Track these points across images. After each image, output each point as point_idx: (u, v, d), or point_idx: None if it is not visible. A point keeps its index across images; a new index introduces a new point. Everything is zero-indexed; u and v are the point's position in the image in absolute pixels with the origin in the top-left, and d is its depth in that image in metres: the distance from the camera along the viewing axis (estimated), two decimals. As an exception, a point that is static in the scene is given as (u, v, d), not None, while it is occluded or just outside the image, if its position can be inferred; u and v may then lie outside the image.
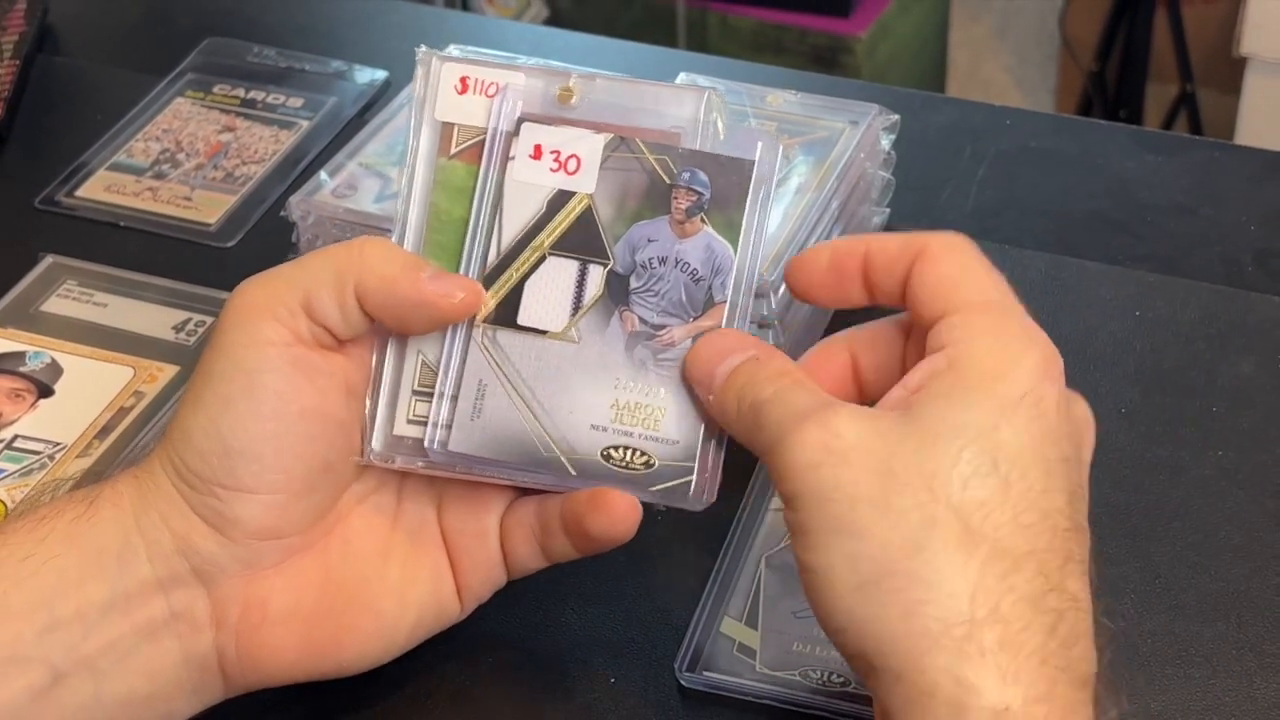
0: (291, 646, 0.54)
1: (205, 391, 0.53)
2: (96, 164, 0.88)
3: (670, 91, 0.56)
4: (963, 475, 0.47)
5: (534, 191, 0.55)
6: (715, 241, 0.55)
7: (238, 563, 0.53)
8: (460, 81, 0.55)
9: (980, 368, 0.48)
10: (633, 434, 0.54)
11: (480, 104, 0.55)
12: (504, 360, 0.55)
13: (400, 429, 0.55)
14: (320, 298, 0.52)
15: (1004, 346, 0.49)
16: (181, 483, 0.53)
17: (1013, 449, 0.47)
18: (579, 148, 0.55)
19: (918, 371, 0.49)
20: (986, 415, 0.47)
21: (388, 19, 1.02)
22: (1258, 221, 0.81)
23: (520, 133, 0.55)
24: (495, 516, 0.56)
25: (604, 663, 0.61)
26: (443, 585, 0.56)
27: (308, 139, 0.89)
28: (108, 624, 0.52)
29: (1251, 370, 0.72)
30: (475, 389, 0.55)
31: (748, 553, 0.64)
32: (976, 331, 0.49)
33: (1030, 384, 0.48)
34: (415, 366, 0.55)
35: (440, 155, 0.55)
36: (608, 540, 0.54)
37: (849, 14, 2.23)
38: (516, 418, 0.55)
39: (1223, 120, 2.09)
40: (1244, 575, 0.63)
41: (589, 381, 0.54)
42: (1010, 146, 0.87)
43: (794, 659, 0.60)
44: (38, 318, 0.77)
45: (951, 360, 0.49)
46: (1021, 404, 0.48)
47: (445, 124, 0.55)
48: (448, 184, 0.55)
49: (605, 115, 0.55)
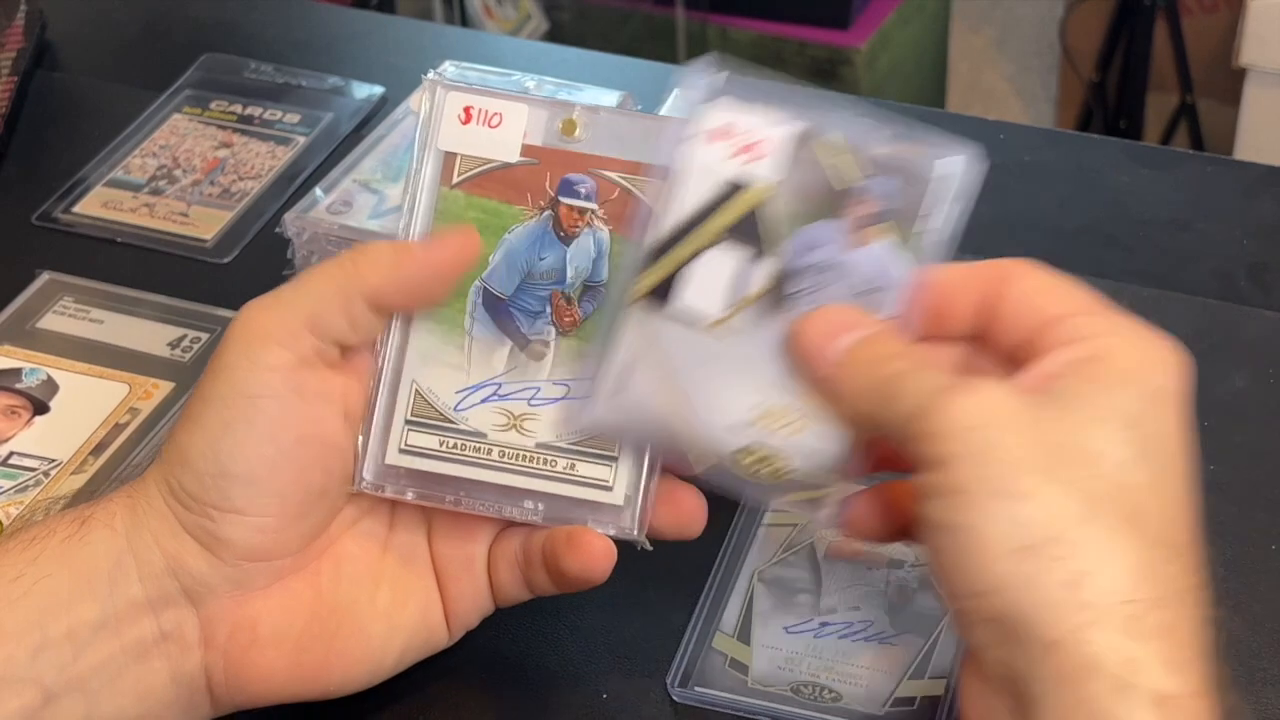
0: (280, 668, 0.54)
1: (204, 413, 0.53)
2: (94, 180, 0.88)
3: (670, 126, 0.55)
4: (1122, 458, 0.47)
5: (710, 175, 0.54)
6: (890, 253, 0.53)
7: (228, 583, 0.53)
8: (464, 111, 0.56)
9: (1121, 361, 0.49)
10: (773, 439, 0.53)
11: (484, 134, 0.55)
12: (655, 340, 0.54)
13: (392, 458, 0.55)
14: (326, 314, 0.53)
15: (1140, 343, 0.49)
16: (175, 502, 0.53)
17: (1161, 440, 0.48)
18: (768, 134, 0.54)
19: (1049, 362, 0.49)
20: (1135, 404, 0.48)
21: (384, 35, 1.02)
22: (1251, 235, 0.81)
23: (706, 111, 0.54)
24: (484, 546, 0.56)
25: (597, 678, 0.61)
26: (432, 611, 0.56)
27: (304, 154, 0.90)
28: (99, 644, 0.52)
29: (1245, 384, 0.72)
30: (621, 364, 0.55)
31: (740, 568, 0.64)
32: (1106, 329, 0.50)
33: (1176, 382, 0.49)
34: (409, 396, 0.55)
35: (442, 184, 0.56)
36: (581, 580, 0.54)
37: (848, 26, 2.23)
38: (658, 399, 0.54)
39: (1223, 131, 2.09)
40: (1236, 589, 0.63)
41: (738, 377, 0.53)
42: (1004, 161, 0.87)
43: (786, 674, 0.60)
44: (34, 334, 0.77)
45: (1088, 352, 0.49)
46: (1169, 399, 0.48)
47: (448, 153, 0.56)
48: (449, 213, 0.55)
49: (607, 148, 0.55)
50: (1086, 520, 0.45)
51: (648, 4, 2.26)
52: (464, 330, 0.55)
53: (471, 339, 0.55)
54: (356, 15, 1.13)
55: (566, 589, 0.55)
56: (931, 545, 0.48)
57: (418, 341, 0.55)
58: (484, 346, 0.55)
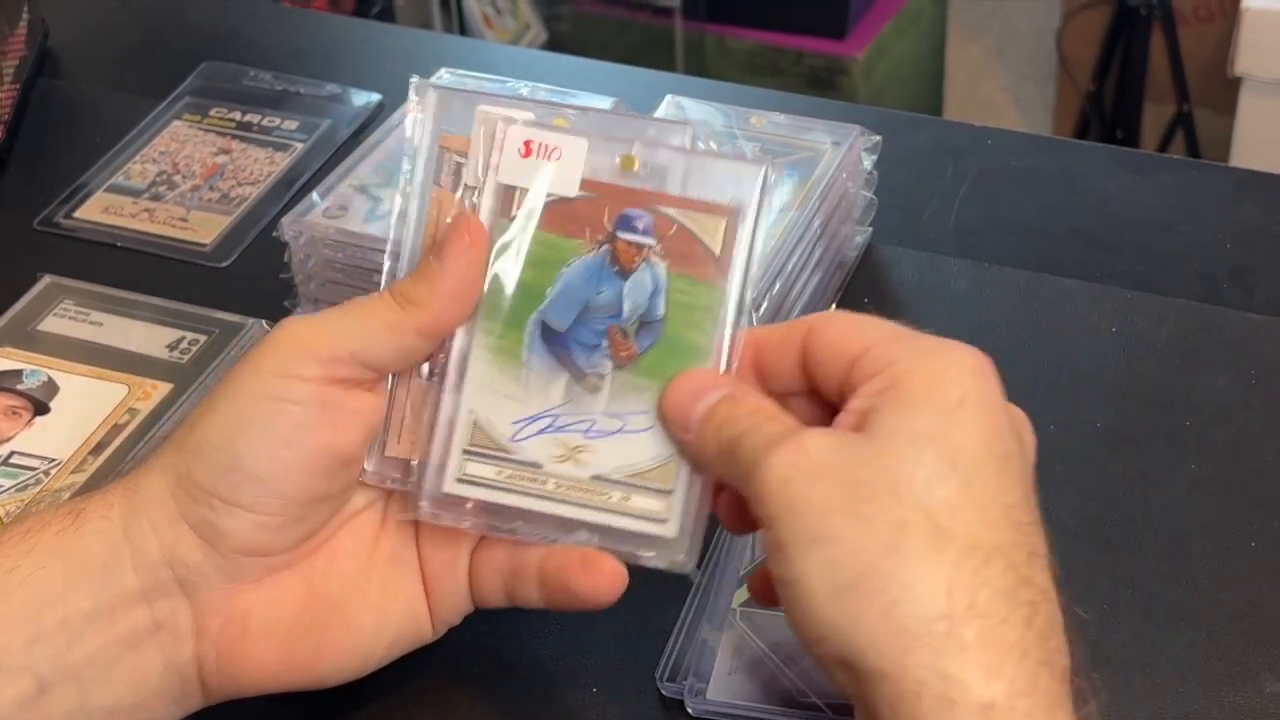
0: (271, 659, 0.55)
1: (228, 407, 0.54)
2: (95, 185, 0.90)
3: (729, 164, 0.56)
4: (925, 478, 0.48)
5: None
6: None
7: (221, 574, 0.54)
8: (524, 145, 0.56)
9: (918, 380, 0.50)
10: None
11: (543, 167, 0.56)
12: (758, 632, 0.61)
13: (450, 487, 0.55)
14: (376, 348, 0.54)
15: (933, 358, 0.51)
16: (179, 489, 0.54)
17: (966, 449, 0.49)
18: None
19: (859, 398, 0.51)
20: (936, 421, 0.49)
21: (381, 43, 1.03)
22: (1233, 239, 0.82)
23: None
24: (466, 549, 0.57)
25: (586, 673, 0.62)
26: (418, 606, 0.57)
27: (302, 161, 0.91)
28: (92, 634, 0.52)
29: (1226, 385, 0.73)
30: (733, 652, 0.60)
31: (728, 565, 0.65)
32: (902, 352, 0.51)
33: (967, 385, 0.50)
34: (467, 426, 0.55)
35: (502, 218, 0.56)
36: (592, 602, 0.55)
37: (845, 35, 2.24)
38: (771, 674, 0.58)
39: (1219, 140, 2.10)
40: (1215, 586, 0.64)
41: None
42: (991, 166, 0.88)
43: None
44: (35, 336, 0.78)
45: (889, 380, 0.50)
46: (964, 406, 0.49)
47: (508, 186, 0.56)
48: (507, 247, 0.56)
49: (666, 184, 0.56)
50: (892, 549, 0.47)
51: (646, 14, 2.27)
52: (521, 361, 0.56)
53: (529, 370, 0.56)
54: (355, 24, 1.14)
55: (562, 607, 0.56)
56: (780, 597, 0.50)
57: (475, 371, 0.56)
58: (541, 378, 0.56)
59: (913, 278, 0.81)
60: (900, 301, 0.79)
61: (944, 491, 0.48)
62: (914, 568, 0.47)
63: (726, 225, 0.55)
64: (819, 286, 0.76)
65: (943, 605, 0.47)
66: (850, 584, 0.47)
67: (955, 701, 0.46)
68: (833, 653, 0.48)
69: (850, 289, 0.80)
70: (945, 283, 0.80)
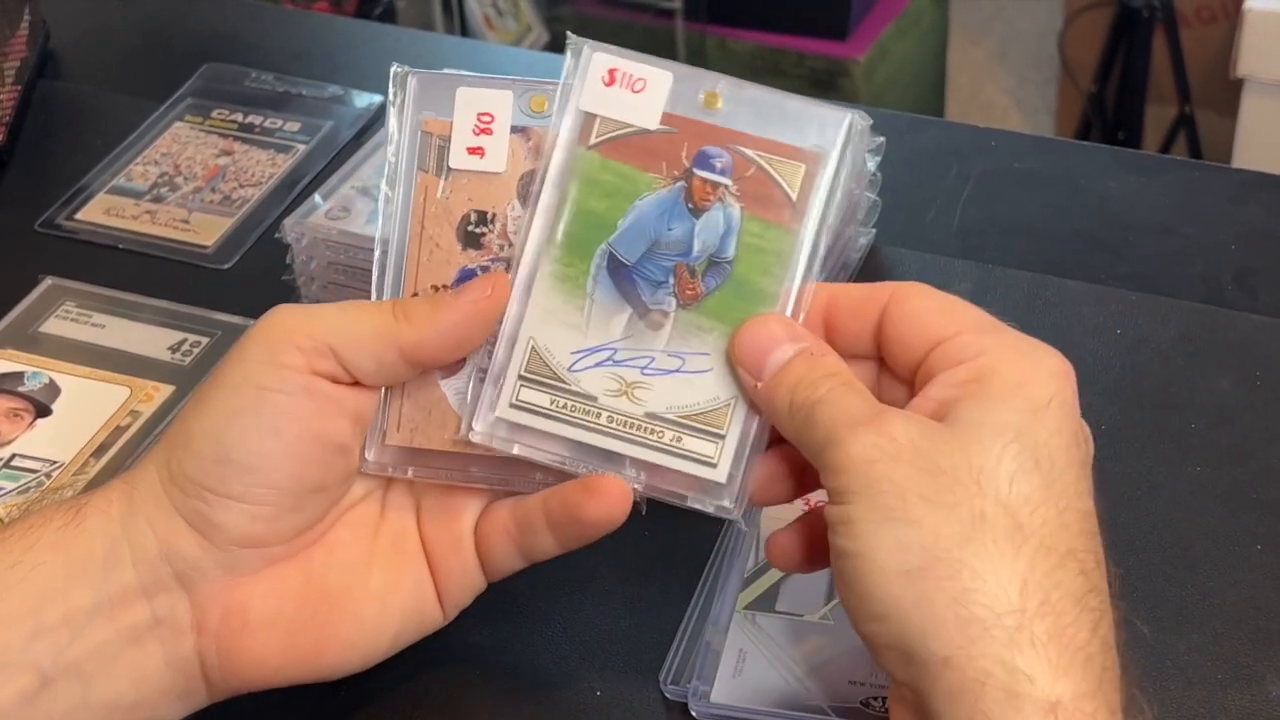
0: (273, 652, 0.55)
1: (213, 398, 0.54)
2: (96, 187, 0.90)
3: (815, 109, 0.55)
4: (1008, 472, 0.48)
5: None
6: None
7: (219, 567, 0.54)
8: (608, 73, 0.55)
9: (1006, 375, 0.50)
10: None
11: (626, 98, 0.55)
12: (764, 637, 0.61)
13: (503, 411, 0.55)
14: (355, 349, 0.54)
15: (1023, 356, 0.51)
16: (172, 484, 0.54)
17: (1050, 449, 0.49)
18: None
19: (940, 386, 0.51)
20: (1022, 417, 0.49)
21: (383, 44, 1.03)
22: (1237, 240, 0.82)
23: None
24: (469, 523, 0.57)
25: (590, 675, 0.61)
26: (424, 592, 0.57)
27: (304, 162, 0.91)
28: (94, 629, 0.53)
29: (1230, 387, 0.73)
30: (737, 655, 0.60)
31: (732, 568, 0.64)
32: (991, 345, 0.51)
33: (1056, 388, 0.50)
34: (525, 351, 0.55)
35: (580, 144, 0.55)
36: (603, 525, 0.54)
37: (846, 37, 2.24)
38: (778, 678, 0.58)
39: (1221, 141, 2.10)
40: (1219, 588, 0.64)
41: (851, 653, 0.54)
42: (995, 167, 0.88)
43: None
44: (37, 338, 0.78)
45: (976, 372, 0.50)
46: (1050, 407, 0.50)
47: (588, 114, 0.56)
48: (582, 173, 0.55)
49: (748, 124, 0.55)
50: (969, 539, 0.47)
51: (648, 16, 2.27)
52: (585, 292, 0.55)
53: (592, 301, 0.55)
54: (357, 25, 1.14)
55: (576, 543, 0.56)
56: (837, 572, 0.50)
57: (539, 297, 0.55)
58: (604, 310, 0.55)
59: (916, 279, 0.80)
60: (903, 303, 0.79)
61: (1026, 488, 0.48)
62: (990, 559, 0.47)
63: (806, 171, 0.55)
64: (822, 288, 0.76)
65: (1016, 600, 0.47)
66: (921, 567, 0.47)
67: (1021, 695, 0.46)
68: (890, 634, 0.48)
69: (853, 290, 0.79)
70: (949, 284, 0.80)
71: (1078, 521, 0.49)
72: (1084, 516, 0.49)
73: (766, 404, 0.53)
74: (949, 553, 0.47)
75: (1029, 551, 0.47)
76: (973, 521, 0.47)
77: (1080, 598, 0.48)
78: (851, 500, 0.49)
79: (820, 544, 0.53)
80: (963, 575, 0.47)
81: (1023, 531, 0.48)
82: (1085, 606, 0.48)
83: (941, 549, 0.47)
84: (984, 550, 0.47)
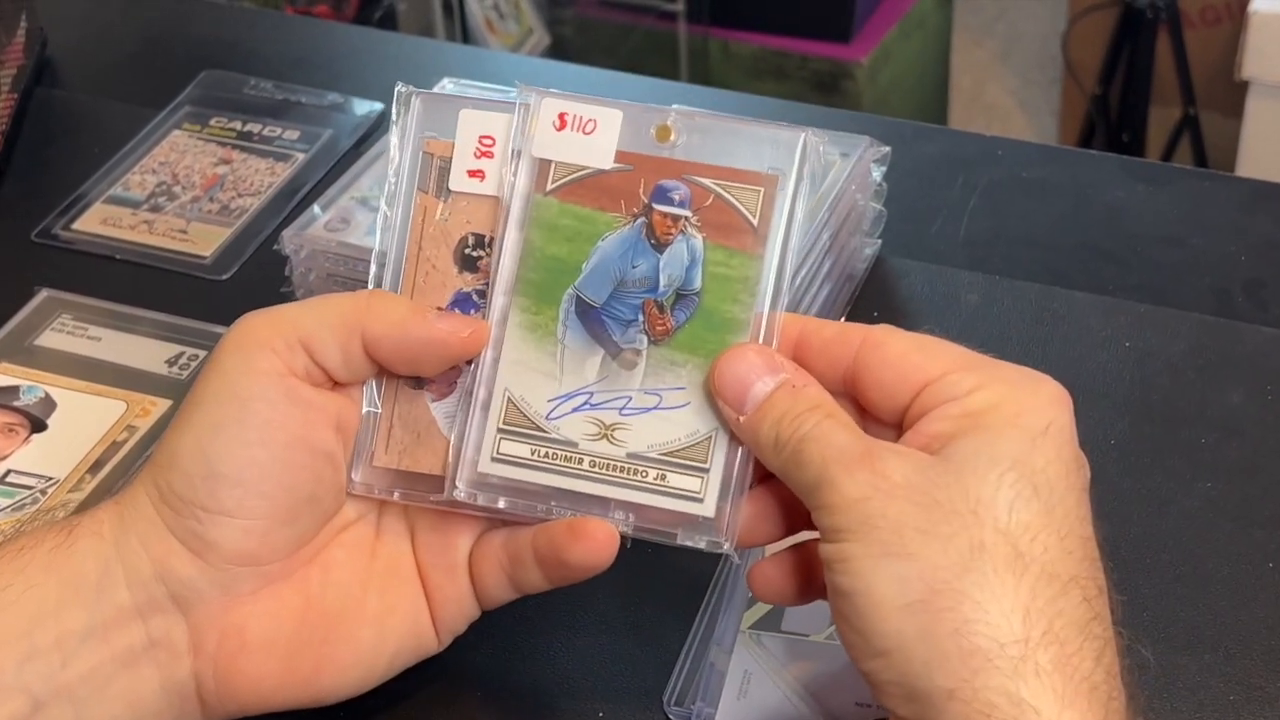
0: (270, 674, 0.54)
1: (195, 414, 0.53)
2: (93, 197, 0.89)
3: (768, 131, 0.55)
4: (1007, 500, 0.48)
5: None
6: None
7: (215, 588, 0.53)
8: (559, 118, 0.55)
9: (1003, 409, 0.49)
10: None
11: (578, 141, 0.55)
12: (769, 658, 0.60)
13: (485, 466, 0.55)
14: (322, 340, 0.53)
15: (1017, 387, 0.50)
16: (163, 504, 0.53)
17: (1048, 475, 0.48)
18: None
19: (933, 421, 0.50)
20: (1018, 446, 0.48)
21: (384, 51, 1.02)
22: (1247, 251, 0.81)
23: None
24: (464, 550, 0.56)
25: (593, 696, 0.61)
26: (420, 617, 0.56)
27: (304, 171, 0.90)
28: (87, 652, 0.52)
29: (1240, 401, 0.72)
30: (742, 676, 0.60)
31: (736, 588, 0.64)
32: (983, 380, 0.50)
33: (1053, 414, 0.50)
34: (501, 404, 0.55)
35: (536, 191, 0.55)
36: (586, 569, 0.54)
37: (850, 39, 2.23)
38: (783, 700, 0.58)
39: (1225, 144, 2.09)
40: (1231, 608, 0.63)
41: (857, 675, 0.53)
42: (1001, 177, 0.87)
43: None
44: (32, 352, 0.78)
45: (970, 407, 0.50)
46: (1048, 433, 0.49)
47: (542, 160, 0.55)
48: (541, 220, 0.55)
49: (702, 154, 0.55)
50: (968, 569, 0.47)
51: (650, 19, 2.26)
52: (556, 338, 0.55)
53: (564, 347, 0.55)
54: (357, 32, 1.13)
55: (563, 582, 0.55)
56: (836, 611, 0.49)
57: (510, 348, 0.55)
58: (576, 354, 0.55)
59: (923, 290, 0.80)
60: (910, 315, 0.78)
61: (1025, 516, 0.47)
62: (990, 589, 0.46)
63: (764, 194, 0.55)
64: (828, 299, 0.75)
65: (1019, 629, 0.46)
66: (921, 599, 0.46)
67: None
68: (893, 669, 0.47)
69: (860, 302, 0.79)
70: (956, 296, 0.79)
71: (1080, 548, 0.48)
72: (1085, 543, 0.49)
73: (750, 438, 0.53)
74: (948, 584, 0.46)
75: (1030, 579, 0.47)
76: (971, 551, 0.47)
77: (1084, 625, 0.47)
78: (847, 538, 0.48)
79: (809, 576, 0.53)
80: (963, 606, 0.46)
81: (1023, 559, 0.47)
82: (1089, 634, 0.47)
83: (940, 580, 0.46)
84: (984, 580, 0.46)
